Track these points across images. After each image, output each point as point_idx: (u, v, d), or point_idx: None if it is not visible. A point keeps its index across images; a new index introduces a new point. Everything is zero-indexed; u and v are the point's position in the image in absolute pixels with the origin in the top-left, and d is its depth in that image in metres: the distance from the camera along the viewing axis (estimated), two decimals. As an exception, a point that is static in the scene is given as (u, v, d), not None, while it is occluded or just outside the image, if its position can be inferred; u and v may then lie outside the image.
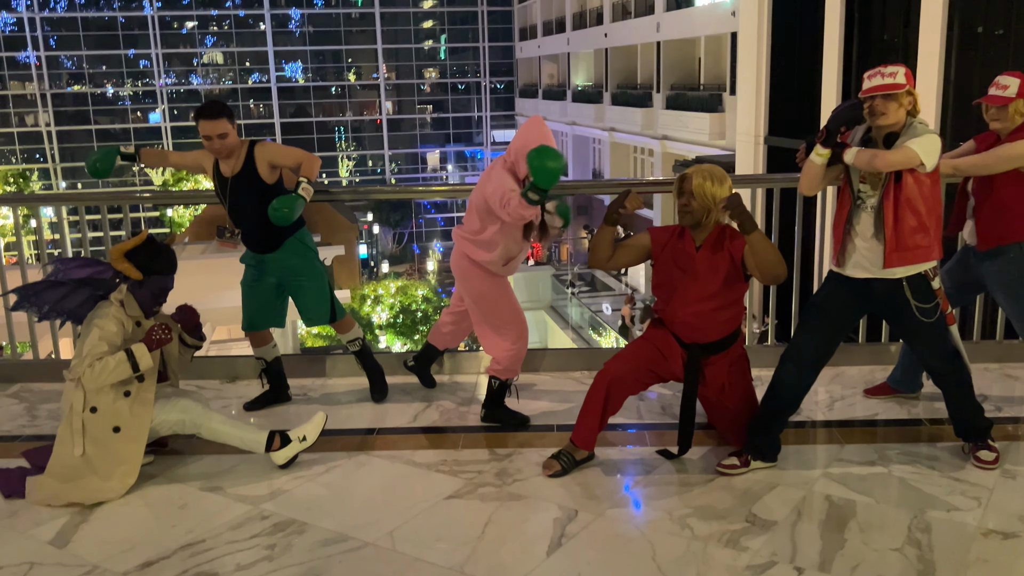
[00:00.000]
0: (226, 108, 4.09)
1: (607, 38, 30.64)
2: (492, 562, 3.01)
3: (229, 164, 4.15)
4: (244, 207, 4.17)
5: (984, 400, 4.28)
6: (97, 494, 3.49)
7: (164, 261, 3.67)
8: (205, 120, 4.01)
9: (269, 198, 4.06)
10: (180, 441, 3.95)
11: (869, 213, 3.47)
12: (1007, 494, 3.39)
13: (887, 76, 3.37)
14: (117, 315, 3.58)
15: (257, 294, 4.37)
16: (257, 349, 4.51)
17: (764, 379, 4.72)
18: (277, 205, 3.96)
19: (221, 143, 4.04)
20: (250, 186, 4.12)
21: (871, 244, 3.47)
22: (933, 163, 3.36)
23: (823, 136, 3.48)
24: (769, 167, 15.50)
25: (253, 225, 4.19)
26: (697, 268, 3.63)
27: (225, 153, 4.09)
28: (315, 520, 3.32)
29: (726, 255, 3.61)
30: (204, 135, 4.03)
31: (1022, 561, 2.96)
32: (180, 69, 47.52)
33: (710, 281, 3.61)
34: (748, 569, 2.92)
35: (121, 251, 3.63)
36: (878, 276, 3.49)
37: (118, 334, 3.55)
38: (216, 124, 4.01)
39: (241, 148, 4.14)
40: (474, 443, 3.99)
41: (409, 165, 49.87)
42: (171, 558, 3.08)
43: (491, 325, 4.18)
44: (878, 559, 2.96)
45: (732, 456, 3.64)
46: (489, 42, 49.41)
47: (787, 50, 15.15)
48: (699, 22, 23.82)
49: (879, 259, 3.46)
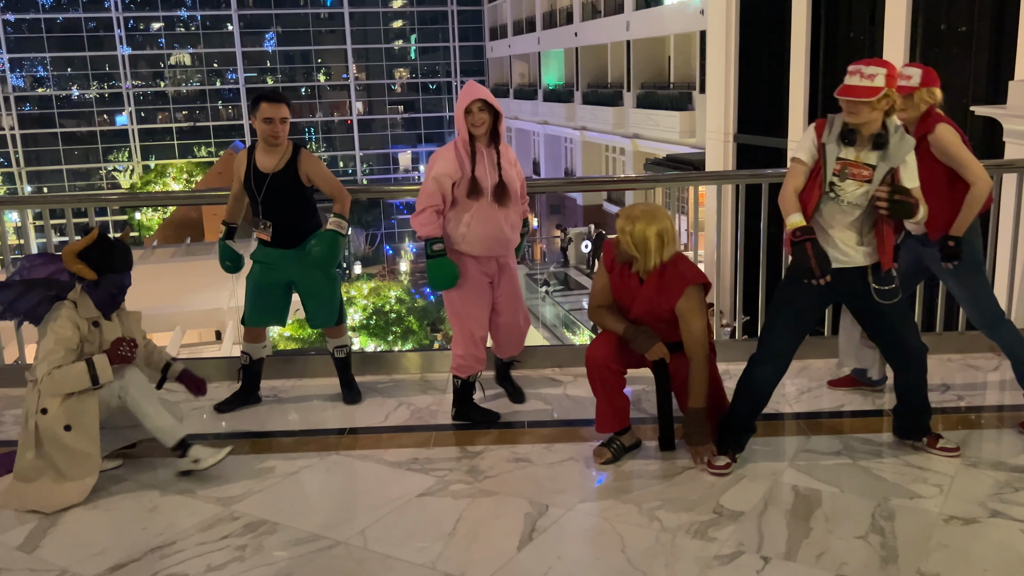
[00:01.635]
0: (287, 96, 4.26)
1: (577, 37, 30.72)
2: (464, 558, 3.03)
3: (271, 159, 4.18)
4: (278, 204, 4.20)
5: (947, 390, 4.38)
6: (60, 499, 3.46)
7: (118, 258, 3.60)
8: (268, 103, 4.09)
9: (304, 200, 4.24)
10: (149, 445, 3.93)
11: (844, 209, 3.43)
12: (968, 481, 3.46)
13: (865, 77, 3.29)
14: (71, 317, 3.53)
15: (265, 292, 4.37)
16: (248, 345, 4.49)
17: (733, 372, 4.78)
18: (317, 243, 4.18)
19: (281, 127, 4.12)
20: (289, 186, 4.18)
21: (849, 236, 3.46)
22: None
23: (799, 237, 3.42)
24: (738, 164, 15.63)
25: (282, 222, 4.23)
26: (641, 300, 3.63)
27: (280, 139, 4.14)
28: (286, 520, 3.32)
29: (664, 295, 3.59)
30: (265, 117, 4.09)
31: (981, 545, 3.03)
32: (147, 71, 47.02)
33: (659, 309, 3.61)
34: (716, 559, 2.97)
35: (73, 252, 3.56)
36: (848, 266, 3.48)
37: (73, 337, 3.51)
38: (279, 108, 4.11)
39: (286, 147, 4.20)
40: (445, 441, 4.01)
41: (381, 166, 49.69)
42: (141, 561, 3.07)
43: (451, 319, 4.19)
44: (843, 547, 3.02)
45: (721, 456, 3.61)
46: (459, 42, 49.36)
47: (755, 48, 15.29)
48: (668, 21, 23.96)
49: (860, 252, 3.46)
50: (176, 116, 47.74)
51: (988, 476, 3.51)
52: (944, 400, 4.29)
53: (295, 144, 4.24)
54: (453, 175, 3.93)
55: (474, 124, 3.89)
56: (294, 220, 4.24)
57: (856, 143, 3.40)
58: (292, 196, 4.20)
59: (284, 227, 4.25)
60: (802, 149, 3.52)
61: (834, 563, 2.92)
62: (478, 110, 3.88)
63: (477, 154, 3.95)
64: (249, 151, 4.28)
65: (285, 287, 4.39)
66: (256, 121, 4.13)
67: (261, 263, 4.35)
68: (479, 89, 3.92)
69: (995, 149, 9.06)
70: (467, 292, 4.10)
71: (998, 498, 3.32)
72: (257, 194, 4.19)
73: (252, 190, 4.21)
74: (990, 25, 10.50)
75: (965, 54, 10.74)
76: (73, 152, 46.29)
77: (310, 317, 4.42)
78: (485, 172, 3.96)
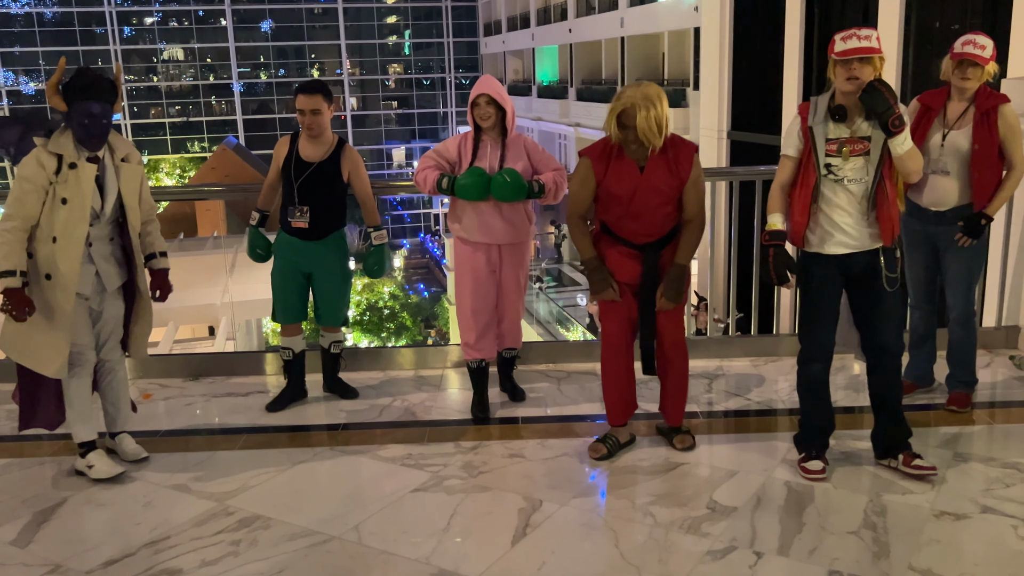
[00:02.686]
0: (325, 87, 4.23)
1: (571, 33, 30.70)
2: (458, 553, 3.04)
3: (315, 149, 4.21)
4: (316, 192, 4.21)
5: (936, 386, 4.39)
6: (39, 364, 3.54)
7: (84, 85, 3.45)
8: (302, 95, 4.13)
9: (341, 193, 4.28)
10: (143, 440, 3.93)
11: (846, 187, 3.35)
12: (959, 477, 3.48)
13: (863, 39, 3.22)
14: (38, 155, 3.44)
15: (292, 284, 4.34)
16: (287, 339, 4.43)
17: (726, 368, 4.80)
18: (375, 262, 4.35)
19: (312, 119, 4.12)
20: (329, 177, 4.21)
21: (854, 218, 3.38)
22: None
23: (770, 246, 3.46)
24: (732, 160, 15.65)
25: (315, 210, 4.21)
26: (644, 188, 3.54)
27: (315, 131, 4.16)
28: (281, 515, 3.32)
29: (673, 168, 3.55)
30: (299, 108, 4.13)
31: (972, 541, 3.05)
32: (139, 66, 46.86)
33: (658, 194, 3.55)
34: (709, 554, 2.98)
35: (52, 84, 3.49)
36: (860, 250, 3.41)
37: (35, 176, 3.42)
38: (311, 99, 4.11)
39: (332, 140, 4.24)
40: (439, 437, 4.02)
41: (374, 161, 49.61)
42: (135, 556, 3.07)
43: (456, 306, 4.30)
44: (835, 542, 3.04)
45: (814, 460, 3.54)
46: (454, 37, 49.30)
47: (749, 45, 15.30)
48: (662, 17, 23.96)
49: (865, 233, 3.39)
50: (169, 111, 47.61)
51: (979, 472, 3.53)
52: (933, 397, 4.31)
53: (340, 138, 4.29)
54: (449, 154, 4.11)
55: (480, 117, 4.01)
56: (327, 212, 4.24)
57: (847, 118, 3.33)
58: (330, 188, 4.22)
59: (315, 217, 4.22)
60: (788, 143, 3.48)
61: (826, 558, 2.94)
62: (485, 103, 3.98)
63: (481, 145, 4.06)
64: (292, 138, 4.29)
65: (306, 278, 4.36)
66: (297, 114, 4.19)
67: (285, 255, 4.32)
68: (487, 83, 4.03)
69: (988, 147, 9.07)
70: (467, 278, 4.18)
71: (989, 494, 3.34)
72: (295, 180, 4.19)
73: (290, 176, 4.20)
74: (982, 23, 10.53)
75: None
76: (65, 147, 46.00)
77: (323, 313, 4.40)
78: (486, 164, 4.04)
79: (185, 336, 18.38)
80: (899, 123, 3.23)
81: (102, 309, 3.68)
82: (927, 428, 3.91)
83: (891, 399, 3.57)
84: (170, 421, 4.33)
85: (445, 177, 4.05)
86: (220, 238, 22.09)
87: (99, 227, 3.58)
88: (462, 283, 4.21)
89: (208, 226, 27.90)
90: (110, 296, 3.69)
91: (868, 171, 3.34)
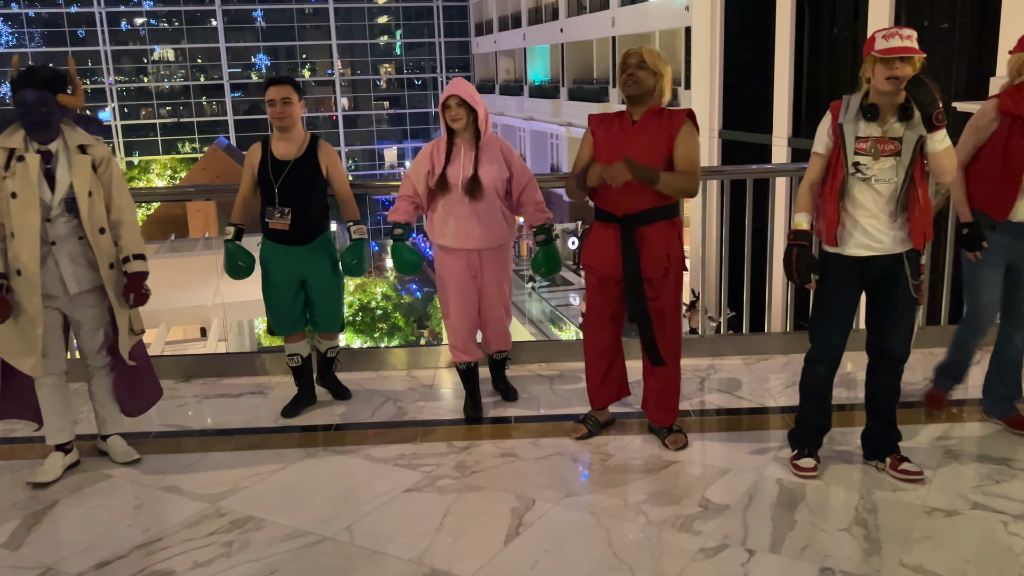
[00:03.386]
0: (295, 81, 4.14)
1: (563, 33, 30.72)
2: (451, 553, 3.04)
3: (289, 147, 4.10)
4: (296, 192, 4.08)
5: (930, 383, 4.40)
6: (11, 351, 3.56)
7: (21, 73, 3.44)
8: (273, 86, 4.05)
9: (322, 191, 4.17)
10: (135, 441, 3.92)
11: (873, 187, 3.29)
12: (950, 473, 3.50)
13: (905, 39, 3.14)
14: None
15: (286, 295, 4.21)
16: (292, 346, 4.32)
17: (718, 366, 4.81)
18: (352, 258, 4.18)
19: (283, 108, 4.02)
20: (308, 173, 4.11)
21: (880, 220, 3.31)
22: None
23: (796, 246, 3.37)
24: (724, 159, 15.68)
25: (299, 211, 4.09)
26: (633, 141, 3.59)
27: (286, 122, 4.05)
28: (273, 516, 3.32)
29: (665, 124, 3.61)
30: (269, 99, 4.04)
31: (963, 537, 3.06)
32: (129, 67, 46.70)
33: (645, 153, 3.56)
34: (701, 552, 2.99)
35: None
36: (883, 253, 3.35)
37: None
38: (281, 88, 4.03)
39: (304, 137, 4.14)
40: (432, 436, 4.02)
41: (366, 162, 49.57)
42: (127, 557, 3.06)
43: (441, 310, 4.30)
44: (827, 539, 3.05)
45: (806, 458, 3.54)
46: (445, 37, 49.27)
47: (740, 44, 15.33)
48: (653, 17, 23.99)
49: (890, 236, 3.32)
50: (160, 112, 47.47)
51: (970, 468, 3.54)
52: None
53: (313, 134, 4.19)
54: (421, 169, 4.06)
55: (452, 119, 3.96)
56: (311, 211, 4.13)
57: (879, 118, 3.28)
58: (311, 185, 4.11)
59: (300, 218, 4.09)
60: (818, 140, 3.41)
61: (818, 555, 2.95)
62: (456, 105, 3.93)
63: (454, 148, 4.01)
64: (263, 143, 4.17)
65: (300, 285, 4.22)
66: (266, 106, 4.08)
67: (273, 265, 4.19)
68: (457, 85, 3.99)
69: (977, 145, 9.11)
70: (448, 284, 4.17)
71: (980, 490, 3.35)
72: (274, 181, 4.06)
73: (269, 178, 4.07)
74: (971, 22, 10.58)
75: (947, 51, 10.81)
76: (55, 148, 45.83)
77: (319, 320, 4.31)
78: (459, 167, 3.99)
79: (177, 337, 18.33)
80: (942, 118, 3.18)
81: (74, 313, 3.63)
82: (918, 425, 3.93)
83: (887, 403, 3.55)
84: (162, 422, 4.32)
85: (400, 228, 4.11)
86: (211, 239, 22.03)
87: (60, 223, 3.49)
88: (444, 290, 4.21)
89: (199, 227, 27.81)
90: (82, 299, 3.61)
91: (898, 172, 3.27)
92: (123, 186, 3.65)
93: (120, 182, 3.64)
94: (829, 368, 3.55)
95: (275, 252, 4.17)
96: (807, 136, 12.87)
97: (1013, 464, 3.56)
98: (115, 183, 3.61)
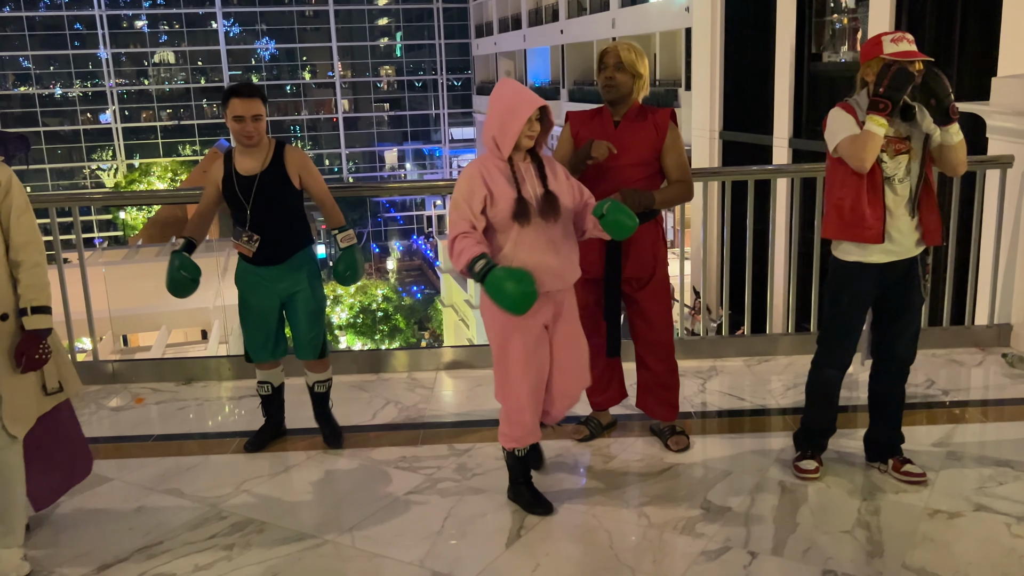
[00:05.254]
0: (261, 90, 3.67)
1: (563, 34, 30.73)
2: (452, 556, 3.03)
3: (254, 160, 3.66)
4: (267, 209, 3.65)
5: (931, 385, 4.41)
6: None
7: None
8: (239, 99, 3.55)
9: (294, 203, 3.73)
10: (134, 444, 3.92)
11: (895, 186, 3.22)
12: (953, 475, 3.49)
13: (911, 43, 3.11)
14: None
15: (264, 320, 3.80)
16: (263, 372, 3.91)
17: (720, 368, 4.80)
18: (346, 268, 3.78)
19: (254, 126, 3.57)
20: (278, 187, 3.66)
21: (902, 222, 3.25)
22: None
23: (888, 107, 3.08)
24: (724, 161, 15.68)
25: (272, 230, 3.68)
26: (617, 143, 3.53)
27: (255, 140, 3.60)
28: (274, 519, 3.31)
29: (649, 126, 3.59)
30: (235, 115, 3.56)
31: (966, 539, 3.05)
32: (130, 69, 46.75)
33: (629, 152, 3.54)
34: (703, 555, 2.98)
35: None
36: (902, 257, 3.29)
37: None
38: (251, 104, 3.56)
39: (268, 144, 3.69)
40: (433, 439, 4.01)
41: (367, 164, 49.60)
42: (128, 561, 3.05)
43: (496, 375, 3.30)
44: (829, 541, 3.04)
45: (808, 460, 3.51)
46: (445, 39, 49.32)
47: (741, 45, 15.33)
48: (654, 18, 24.00)
49: (910, 239, 3.27)
50: (160, 115, 47.52)
51: (972, 470, 3.53)
52: (929, 395, 4.32)
53: (277, 140, 3.73)
54: (478, 194, 3.10)
55: (530, 135, 3.11)
56: (285, 229, 3.71)
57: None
58: (283, 200, 3.67)
59: (273, 237, 3.69)
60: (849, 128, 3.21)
61: (820, 558, 2.94)
62: (536, 119, 3.11)
63: (516, 170, 3.14)
64: (225, 158, 3.75)
65: (279, 308, 3.82)
66: (228, 119, 3.61)
67: (252, 286, 3.78)
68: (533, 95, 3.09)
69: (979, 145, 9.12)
70: (514, 344, 3.16)
71: (982, 492, 3.34)
72: (246, 202, 3.64)
73: (238, 198, 3.65)
74: (972, 19, 10.57)
75: (949, 51, 10.80)
76: (56, 151, 46.00)
77: (296, 345, 3.88)
78: (531, 187, 3.14)
79: (178, 340, 18.34)
80: (956, 111, 3.17)
81: None
82: (920, 427, 3.92)
83: (892, 405, 3.53)
84: (163, 425, 4.32)
85: (482, 259, 2.99)
86: (212, 241, 22.04)
87: None
88: (505, 357, 3.19)
89: (200, 229, 27.73)
90: None
91: (912, 170, 3.25)
92: (25, 218, 2.89)
93: (22, 212, 2.89)
94: (840, 374, 3.51)
95: (250, 272, 3.77)
96: (808, 137, 12.87)
97: (1016, 466, 3.55)
98: (15, 213, 2.87)
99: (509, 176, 3.11)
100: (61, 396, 3.06)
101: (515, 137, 3.06)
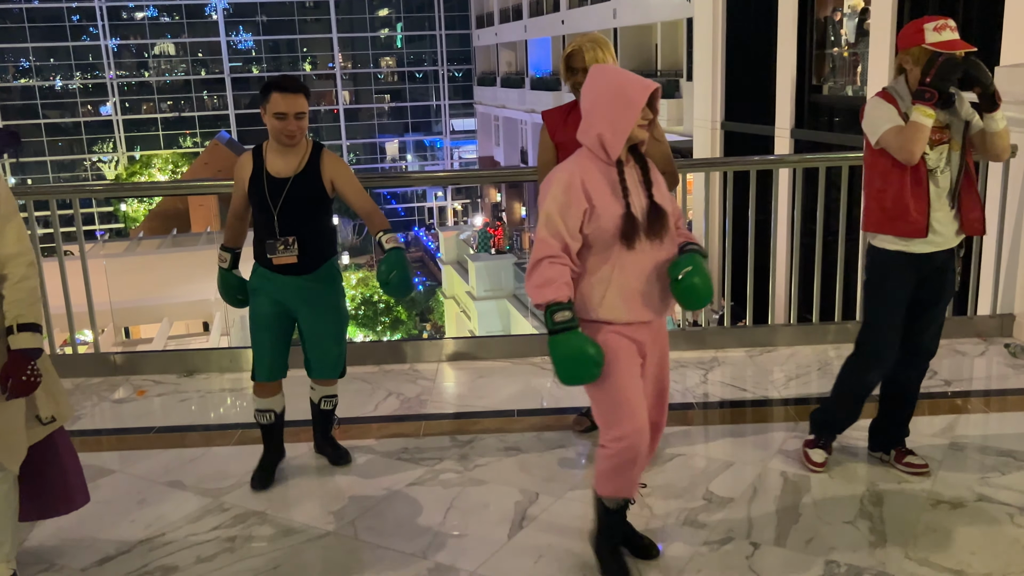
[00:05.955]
0: (305, 85, 3.37)
1: (564, 25, 30.64)
2: (454, 547, 3.03)
3: (289, 161, 3.37)
4: (298, 214, 3.37)
5: (934, 375, 4.40)
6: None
7: None
8: (281, 94, 3.26)
9: (327, 212, 3.47)
10: (136, 437, 3.92)
11: (937, 178, 3.16)
12: (956, 465, 3.48)
13: (955, 31, 3.05)
14: None
15: (277, 332, 3.48)
16: (265, 400, 3.53)
17: (721, 359, 4.80)
18: (396, 272, 3.32)
19: (297, 124, 3.29)
20: (311, 191, 3.38)
21: (944, 213, 3.18)
22: None
23: (936, 97, 3.02)
24: (726, 151, 15.65)
25: (299, 237, 3.38)
26: None
27: (297, 139, 3.33)
28: (276, 511, 3.31)
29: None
30: (276, 112, 3.26)
31: (969, 529, 3.05)
32: (131, 61, 46.68)
33: None
34: (705, 545, 2.98)
35: None
36: (942, 248, 3.23)
37: None
38: (295, 100, 3.27)
39: (306, 147, 3.40)
40: (435, 430, 4.01)
41: (368, 155, 49.54)
42: (131, 552, 3.06)
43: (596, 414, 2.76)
44: (832, 532, 3.04)
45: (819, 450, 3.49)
46: (446, 30, 49.21)
47: (742, 36, 15.29)
48: (655, 8, 23.92)
49: (952, 229, 3.21)
50: (161, 106, 47.47)
51: (975, 460, 3.53)
52: (931, 385, 4.31)
53: (315, 142, 3.45)
54: (577, 209, 2.59)
55: (644, 123, 2.61)
56: (315, 239, 3.42)
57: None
58: (315, 208, 3.39)
59: (303, 246, 3.39)
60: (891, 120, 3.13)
61: (823, 548, 2.94)
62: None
63: (625, 177, 2.64)
64: (255, 153, 3.46)
65: (291, 323, 3.52)
66: (267, 116, 3.30)
67: (267, 295, 3.46)
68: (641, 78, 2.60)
69: (981, 135, 9.08)
70: (614, 377, 2.64)
71: (985, 482, 3.34)
72: (273, 207, 3.34)
73: (265, 201, 3.35)
74: (976, 12, 10.53)
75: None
76: (57, 143, 46.00)
77: (314, 364, 3.55)
78: (639, 199, 2.64)
79: (179, 332, 18.36)
80: (999, 97, 3.14)
81: None
82: (923, 417, 3.91)
83: (907, 398, 3.49)
84: (165, 417, 4.32)
85: (567, 311, 2.54)
86: (213, 233, 22.06)
87: None
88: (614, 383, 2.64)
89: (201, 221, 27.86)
90: None
91: (952, 160, 3.19)
92: (9, 228, 2.61)
93: (7, 221, 2.60)
94: (881, 376, 3.41)
95: (266, 280, 3.45)
96: (809, 127, 12.83)
97: (1019, 456, 3.54)
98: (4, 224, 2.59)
99: (615, 184, 2.60)
100: (55, 425, 2.78)
101: (628, 131, 2.55)
